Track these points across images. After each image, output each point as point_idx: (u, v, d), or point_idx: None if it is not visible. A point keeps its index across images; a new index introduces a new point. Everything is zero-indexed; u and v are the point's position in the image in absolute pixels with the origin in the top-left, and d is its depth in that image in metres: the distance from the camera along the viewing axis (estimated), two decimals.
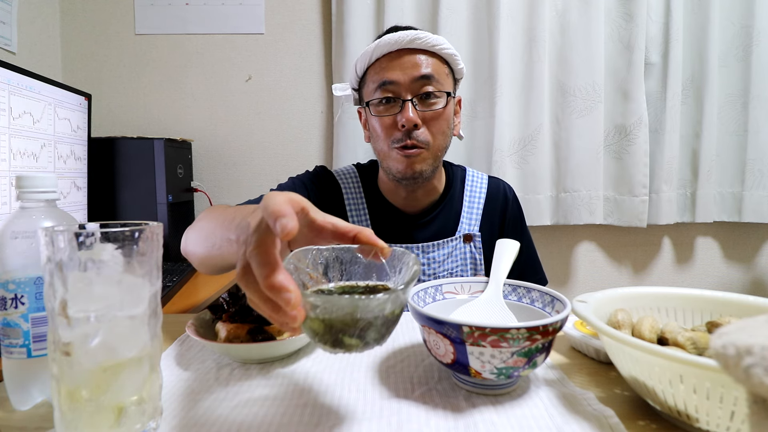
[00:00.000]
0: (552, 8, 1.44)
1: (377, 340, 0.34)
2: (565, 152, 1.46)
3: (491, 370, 0.40)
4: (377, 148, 0.79)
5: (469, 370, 0.41)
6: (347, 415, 0.39)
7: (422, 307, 0.50)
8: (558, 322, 0.39)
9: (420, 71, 0.72)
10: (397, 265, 0.39)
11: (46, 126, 0.97)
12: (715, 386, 0.32)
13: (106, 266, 0.32)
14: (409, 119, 0.71)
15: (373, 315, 0.33)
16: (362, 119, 0.84)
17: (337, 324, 0.33)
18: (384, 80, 0.73)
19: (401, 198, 0.83)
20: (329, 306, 0.32)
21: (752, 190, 1.48)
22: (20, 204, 0.41)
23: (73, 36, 1.50)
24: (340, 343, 0.33)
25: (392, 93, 0.73)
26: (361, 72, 0.78)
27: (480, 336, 0.38)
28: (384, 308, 0.33)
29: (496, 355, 0.39)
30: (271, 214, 0.30)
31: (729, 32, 1.46)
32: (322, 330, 0.33)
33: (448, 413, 0.39)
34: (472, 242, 0.83)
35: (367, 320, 0.33)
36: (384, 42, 0.72)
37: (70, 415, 0.32)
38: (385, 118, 0.74)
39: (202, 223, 0.58)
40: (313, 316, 0.33)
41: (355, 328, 0.33)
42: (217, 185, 1.54)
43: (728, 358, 0.23)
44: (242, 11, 1.50)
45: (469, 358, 0.40)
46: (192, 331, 0.51)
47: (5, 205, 0.85)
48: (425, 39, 0.72)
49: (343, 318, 0.32)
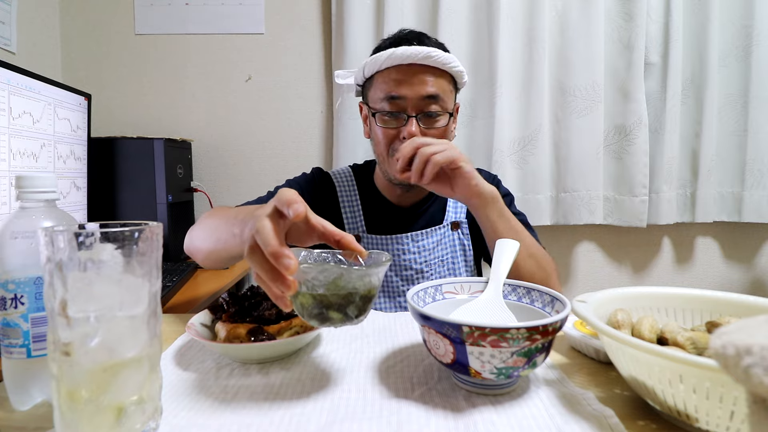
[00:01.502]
0: (552, 8, 1.44)
1: (357, 315, 0.40)
2: (565, 152, 1.46)
3: (491, 370, 0.40)
4: (377, 151, 0.82)
5: (469, 370, 0.41)
6: (347, 415, 0.39)
7: (422, 307, 0.50)
8: (558, 322, 0.39)
9: (427, 90, 0.75)
10: (373, 264, 0.45)
11: (45, 126, 0.97)
12: (714, 386, 0.32)
13: (105, 266, 0.32)
14: (411, 133, 0.74)
15: (353, 287, 0.39)
16: (363, 113, 0.86)
17: (323, 299, 0.38)
18: (393, 94, 0.75)
19: (395, 194, 0.88)
20: (320, 272, 0.38)
21: (752, 190, 1.48)
22: (20, 204, 0.41)
23: (73, 36, 1.50)
24: (325, 316, 0.39)
25: (398, 108, 0.75)
26: (369, 74, 0.80)
27: (480, 336, 0.38)
28: (364, 281, 0.39)
29: (495, 355, 0.39)
30: (286, 202, 0.39)
31: (729, 32, 1.46)
32: (311, 304, 0.39)
33: (448, 413, 0.39)
34: (459, 229, 0.87)
35: (348, 291, 0.39)
36: (398, 54, 0.73)
37: (70, 415, 0.32)
38: (389, 129, 0.78)
39: (208, 221, 0.66)
40: (304, 290, 0.39)
41: (339, 301, 0.39)
42: (217, 185, 1.54)
43: (728, 358, 0.23)
44: (242, 11, 1.50)
45: (469, 358, 0.40)
46: (192, 331, 0.51)
47: (5, 205, 0.85)
48: (437, 57, 0.74)
49: (328, 288, 0.38)
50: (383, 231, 0.86)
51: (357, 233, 0.86)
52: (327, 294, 0.38)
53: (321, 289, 0.38)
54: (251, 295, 0.55)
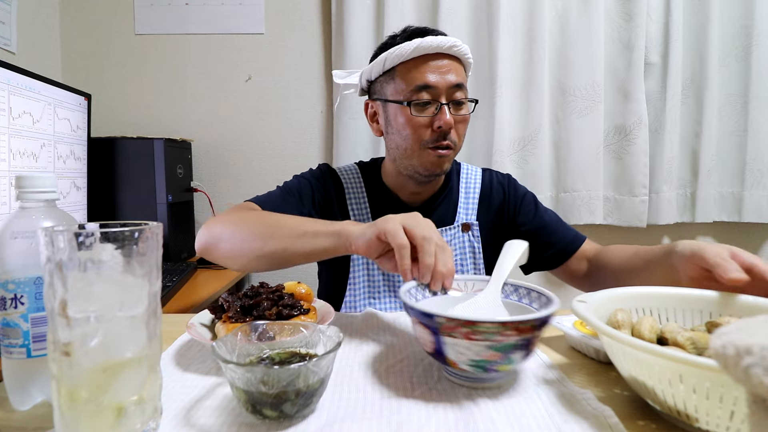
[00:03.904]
0: (552, 8, 1.44)
1: (296, 412, 0.38)
2: (565, 152, 1.46)
3: (466, 361, 0.41)
4: (400, 146, 0.79)
5: (447, 360, 0.43)
6: (347, 415, 0.39)
7: (419, 301, 0.51)
8: (532, 320, 0.40)
9: (456, 79, 0.76)
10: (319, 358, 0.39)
11: (45, 126, 0.97)
12: (714, 386, 0.32)
13: (105, 266, 0.32)
14: (447, 122, 0.74)
15: (283, 385, 0.36)
16: (369, 112, 0.85)
17: (255, 394, 0.36)
18: (425, 83, 0.75)
19: (407, 192, 0.86)
20: (246, 371, 0.36)
21: (752, 190, 1.48)
22: (20, 204, 0.41)
23: (73, 36, 1.50)
24: (260, 413, 0.37)
25: (431, 96, 0.75)
26: (390, 66, 0.78)
27: (453, 327, 0.40)
28: (300, 378, 0.37)
29: (471, 348, 0.40)
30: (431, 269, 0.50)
31: (729, 32, 1.46)
32: (244, 399, 0.37)
33: (448, 413, 0.39)
34: (470, 231, 0.86)
35: (279, 390, 0.36)
36: (426, 44, 0.74)
37: (70, 415, 0.32)
38: (420, 118, 0.76)
39: (268, 219, 0.66)
40: (239, 385, 0.37)
41: (270, 400, 0.36)
42: (217, 185, 1.54)
43: (728, 358, 0.23)
44: (242, 11, 1.50)
45: (445, 348, 0.42)
46: (192, 331, 0.51)
47: (5, 205, 0.85)
48: (461, 47, 0.76)
49: (257, 387, 0.36)
50: None
51: None
52: (254, 391, 0.36)
53: (253, 387, 0.36)
54: (251, 295, 0.55)
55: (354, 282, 0.83)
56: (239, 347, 0.42)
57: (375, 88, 0.82)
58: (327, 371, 0.39)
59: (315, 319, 0.55)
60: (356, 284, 0.83)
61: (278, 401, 0.36)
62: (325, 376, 0.39)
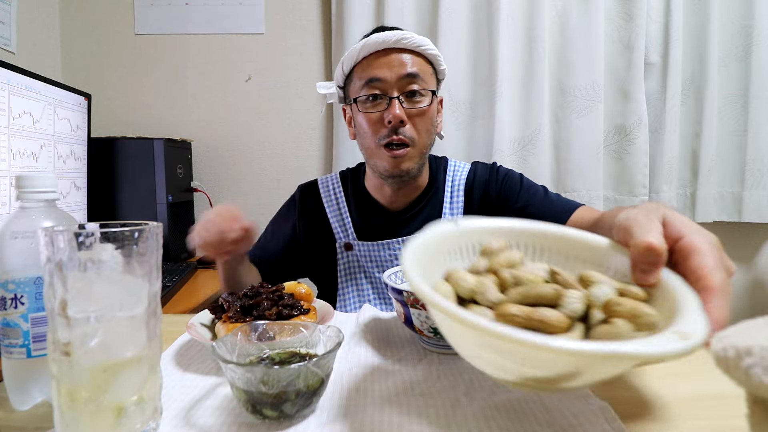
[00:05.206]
0: (552, 8, 1.44)
1: (296, 412, 0.38)
2: (565, 152, 1.46)
3: (428, 328, 0.49)
4: (364, 145, 0.80)
5: (416, 329, 0.50)
6: (347, 414, 0.39)
7: (403, 283, 0.55)
8: None
9: (406, 69, 0.74)
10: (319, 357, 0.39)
11: (45, 126, 0.97)
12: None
13: (105, 266, 0.32)
14: (395, 116, 0.73)
15: (283, 385, 0.36)
16: (347, 117, 0.86)
17: (255, 394, 0.36)
18: (371, 77, 0.74)
19: (387, 195, 0.85)
20: (246, 371, 0.36)
21: (752, 190, 1.48)
22: (20, 204, 0.41)
23: (73, 36, 1.50)
24: (260, 413, 0.37)
25: (379, 90, 0.74)
26: (347, 69, 0.80)
27: (415, 299, 0.48)
28: (300, 377, 0.36)
29: (430, 317, 0.47)
30: None
31: (729, 32, 1.46)
32: (244, 399, 0.37)
33: (447, 411, 0.39)
34: None
35: (279, 390, 0.36)
36: (371, 41, 0.74)
37: (70, 415, 0.32)
38: (372, 115, 0.76)
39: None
40: (239, 385, 0.37)
41: (270, 400, 0.36)
42: (217, 185, 1.54)
43: (729, 360, 0.23)
44: (242, 11, 1.50)
45: (412, 317, 0.50)
46: (192, 331, 0.51)
47: (5, 205, 0.85)
48: (410, 39, 0.74)
49: (257, 387, 0.36)
50: (375, 237, 0.84)
51: (348, 241, 0.84)
52: (254, 391, 0.36)
53: (253, 387, 0.36)
54: (251, 295, 0.55)
55: (343, 293, 0.85)
56: (239, 347, 0.42)
57: (346, 93, 0.84)
58: (327, 371, 0.39)
59: (315, 319, 0.55)
60: (346, 295, 0.85)
61: (278, 401, 0.36)
62: (325, 376, 0.39)
